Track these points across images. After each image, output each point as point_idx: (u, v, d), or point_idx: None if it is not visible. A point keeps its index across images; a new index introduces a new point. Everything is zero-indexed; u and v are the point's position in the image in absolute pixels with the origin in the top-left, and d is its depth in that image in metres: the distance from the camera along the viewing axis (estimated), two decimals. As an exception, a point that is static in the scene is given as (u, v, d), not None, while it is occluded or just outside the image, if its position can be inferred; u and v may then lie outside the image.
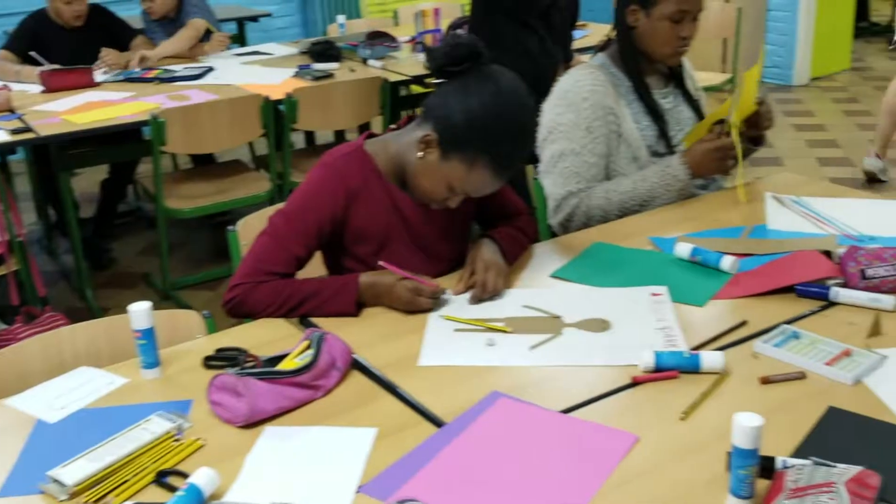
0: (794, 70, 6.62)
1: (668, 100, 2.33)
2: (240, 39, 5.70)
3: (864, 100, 6.18)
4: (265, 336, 1.70)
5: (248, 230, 2.06)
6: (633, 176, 2.22)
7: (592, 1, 4.35)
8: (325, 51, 4.25)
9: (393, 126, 1.96)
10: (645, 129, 2.26)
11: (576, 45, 3.99)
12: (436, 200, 1.81)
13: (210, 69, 4.18)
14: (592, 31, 4.66)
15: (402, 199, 1.86)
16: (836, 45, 6.88)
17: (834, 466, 1.16)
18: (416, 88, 4.26)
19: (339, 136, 4.69)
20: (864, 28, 8.11)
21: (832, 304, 1.72)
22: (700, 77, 4.82)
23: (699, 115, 2.37)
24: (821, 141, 5.38)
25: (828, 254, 1.85)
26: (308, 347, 1.51)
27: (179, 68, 4.17)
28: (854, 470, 1.14)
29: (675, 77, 2.36)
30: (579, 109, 2.20)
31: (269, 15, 5.94)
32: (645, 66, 2.28)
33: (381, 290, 1.79)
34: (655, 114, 2.26)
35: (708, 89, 4.95)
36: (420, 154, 1.75)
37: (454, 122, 1.70)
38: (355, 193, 1.82)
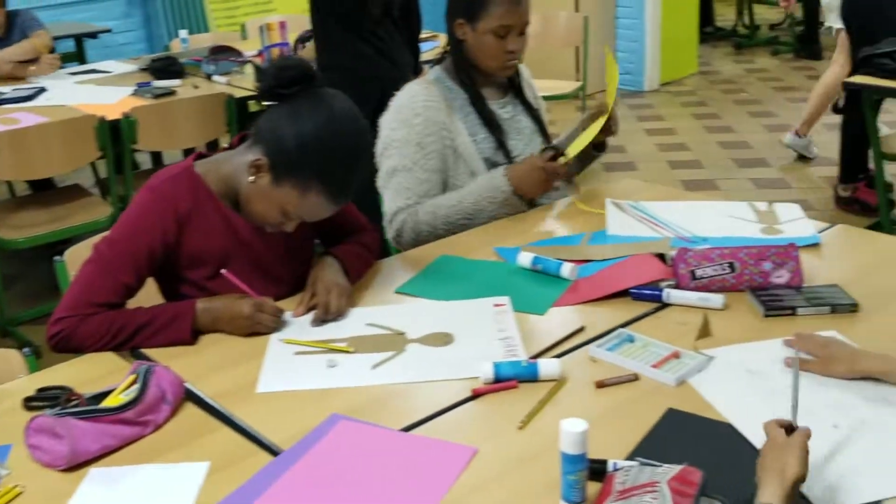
0: (644, 76, 6.90)
1: (506, 110, 2.37)
2: (78, 57, 5.50)
3: (711, 103, 6.49)
4: (93, 372, 1.64)
5: (79, 259, 1.98)
6: (460, 190, 2.26)
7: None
8: (167, 67, 4.16)
9: (226, 146, 1.93)
10: (482, 142, 2.30)
11: (427, 56, 4.03)
12: (270, 224, 1.79)
13: (42, 90, 4.02)
14: (441, 43, 4.72)
15: (237, 221, 1.83)
16: (684, 51, 7.21)
17: (659, 466, 1.21)
18: (269, 103, 4.21)
19: (189, 155, 4.58)
20: (710, 33, 8.52)
21: (665, 305, 1.80)
22: (553, 86, 5.00)
23: (539, 124, 2.43)
24: (671, 144, 5.62)
25: (662, 256, 1.94)
26: (134, 382, 1.47)
27: (8, 90, 3.99)
28: (677, 468, 1.19)
29: (514, 87, 2.42)
30: (411, 125, 2.23)
31: (108, 31, 5.75)
32: (479, 77, 2.32)
33: (219, 313, 1.76)
34: (492, 125, 2.31)
35: (561, 97, 5.11)
36: (251, 178, 1.73)
37: (285, 147, 1.69)
38: (186, 217, 1.78)
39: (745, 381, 1.52)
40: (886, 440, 1.35)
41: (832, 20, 4.74)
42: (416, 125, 2.23)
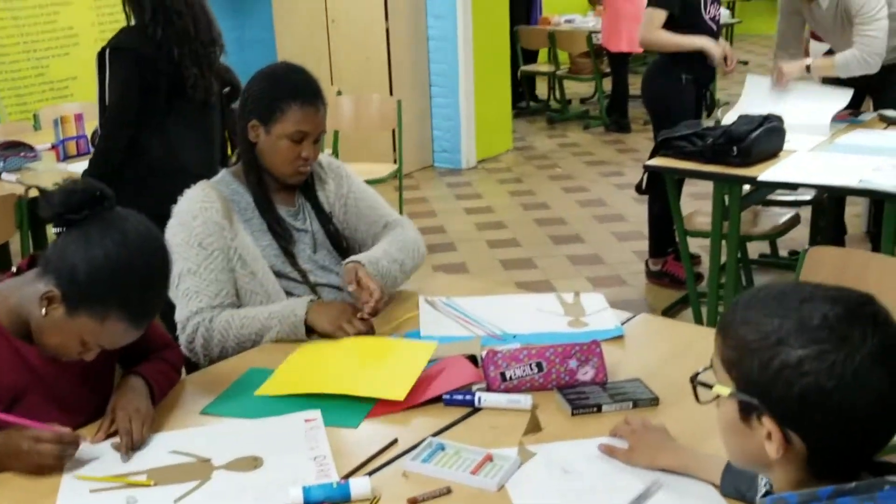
0: (461, 154, 7.15)
1: (298, 216, 2.38)
2: None
3: (527, 179, 6.79)
4: None
5: None
6: (259, 307, 2.24)
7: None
8: (-52, 166, 3.96)
9: (13, 270, 1.86)
10: (267, 248, 2.30)
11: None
12: (69, 356, 1.75)
13: None
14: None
15: (29, 354, 1.77)
16: (499, 127, 7.54)
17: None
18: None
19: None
20: (524, 108, 8.96)
21: (478, 409, 1.86)
22: (370, 169, 5.09)
23: (329, 229, 2.40)
24: (490, 223, 5.83)
25: (474, 358, 2.01)
26: None
27: None
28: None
29: (306, 192, 2.42)
30: (190, 227, 2.22)
31: None
32: (270, 182, 2.34)
33: (1, 451, 1.68)
34: (275, 232, 2.32)
35: (378, 181, 5.20)
36: (43, 312, 1.68)
37: (77, 276, 1.66)
38: (-31, 352, 1.71)
39: (559, 483, 1.60)
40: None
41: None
42: (195, 227, 2.22)
